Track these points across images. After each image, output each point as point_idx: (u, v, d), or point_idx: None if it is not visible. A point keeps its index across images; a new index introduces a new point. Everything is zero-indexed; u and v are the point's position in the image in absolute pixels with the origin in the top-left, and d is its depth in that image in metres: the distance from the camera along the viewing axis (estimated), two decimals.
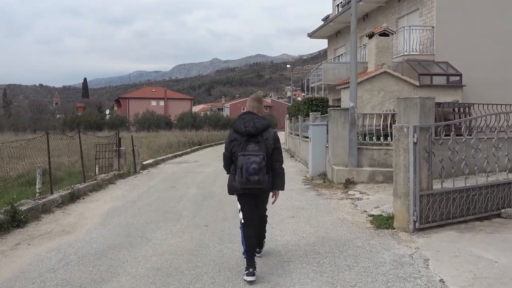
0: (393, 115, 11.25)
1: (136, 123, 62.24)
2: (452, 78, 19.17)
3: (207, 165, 16.64)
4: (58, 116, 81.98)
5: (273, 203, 5.21)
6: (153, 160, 16.96)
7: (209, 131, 50.47)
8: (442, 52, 19.96)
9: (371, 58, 18.65)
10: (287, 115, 27.01)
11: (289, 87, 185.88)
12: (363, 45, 23.47)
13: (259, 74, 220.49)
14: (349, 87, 18.80)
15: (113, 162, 13.32)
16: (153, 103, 70.75)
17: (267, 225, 5.46)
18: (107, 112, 70.27)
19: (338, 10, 29.48)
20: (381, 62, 18.21)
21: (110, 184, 11.54)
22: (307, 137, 17.05)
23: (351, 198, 9.05)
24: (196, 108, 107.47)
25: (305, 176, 12.73)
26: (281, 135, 47.82)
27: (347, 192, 9.73)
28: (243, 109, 7.41)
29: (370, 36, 18.58)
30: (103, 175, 12.06)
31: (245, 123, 4.63)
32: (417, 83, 18.51)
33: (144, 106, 66.03)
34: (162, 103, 71.59)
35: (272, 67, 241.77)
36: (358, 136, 10.97)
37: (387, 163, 10.66)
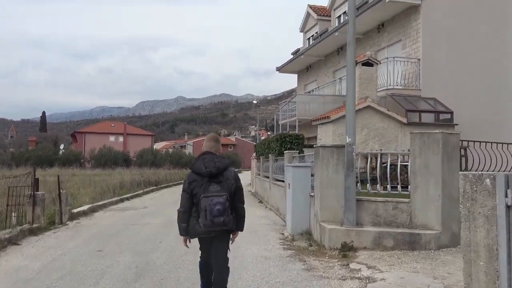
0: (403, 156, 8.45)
1: (91, 159, 57.87)
2: (442, 116, 16.85)
3: (157, 214, 13.27)
4: (12, 150, 76.41)
5: (231, 242, 4.83)
6: (89, 206, 13.44)
7: (169, 169, 46.81)
8: (429, 87, 17.69)
9: None
10: (254, 154, 24.05)
11: (254, 126, 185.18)
12: (339, 79, 21.08)
13: (224, 113, 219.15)
14: (328, 122, 16.21)
15: (26, 212, 9.82)
16: (112, 138, 66.53)
17: None
18: (61, 147, 65.43)
19: (309, 43, 27.30)
20: (364, 95, 15.67)
21: (9, 246, 8.03)
22: (280, 180, 14.04)
23: (358, 278, 5.98)
24: (158, 145, 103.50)
25: (282, 234, 9.61)
26: (247, 175, 44.89)
27: (347, 265, 6.65)
28: (219, 153, 5.14)
29: None
30: (5, 231, 8.55)
31: (205, 163, 4.48)
32: (404, 120, 16.02)
33: (102, 142, 61.78)
34: (121, 139, 67.45)
35: (237, 106, 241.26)
36: (356, 184, 8.03)
37: (397, 222, 7.71)
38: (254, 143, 27.86)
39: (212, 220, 4.23)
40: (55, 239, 8.99)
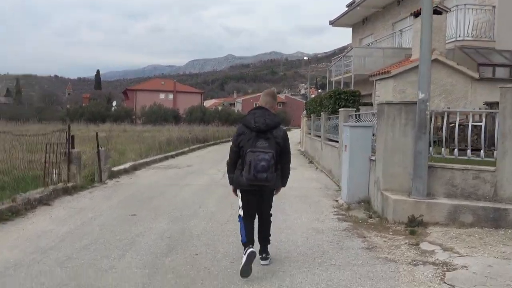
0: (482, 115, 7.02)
1: (142, 116, 58.48)
2: None
3: (201, 173, 12.50)
4: (68, 107, 78.82)
5: (276, 193, 4.88)
6: (131, 164, 12.83)
7: (218, 127, 46.39)
8: (505, 38, 15.57)
9: (417, 42, 14.27)
10: (304, 112, 22.76)
11: (304, 84, 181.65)
12: (399, 31, 19.12)
13: (273, 71, 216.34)
14: (388, 77, 14.50)
15: (61, 170, 9.24)
16: (162, 96, 66.85)
17: None
18: (114, 104, 66.58)
19: None
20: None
21: (39, 206, 7.43)
22: (333, 140, 12.82)
23: (433, 264, 4.82)
24: (208, 103, 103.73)
25: (336, 201, 8.50)
26: (296, 133, 43.77)
27: (417, 245, 5.49)
28: (255, 104, 5.28)
29: (417, 14, 14.24)
30: (37, 190, 7.98)
31: (255, 118, 4.44)
32: (476, 76, 14.18)
33: (152, 99, 62.19)
34: (171, 96, 67.67)
35: (287, 64, 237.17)
36: (430, 148, 6.72)
37: (478, 194, 6.39)
38: (304, 101, 26.44)
39: (256, 175, 4.25)
40: (89, 200, 8.35)
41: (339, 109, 11.66)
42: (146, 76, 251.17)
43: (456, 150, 6.75)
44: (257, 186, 4.42)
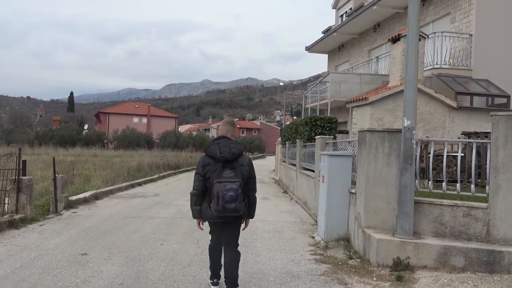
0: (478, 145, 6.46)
1: (114, 140, 57.05)
2: (497, 100, 14.64)
3: (167, 204, 11.60)
4: (38, 129, 76.42)
5: (243, 229, 4.73)
6: (93, 193, 11.84)
7: (191, 152, 45.41)
8: (481, 67, 15.44)
9: (394, 69, 14.00)
10: (279, 139, 22.18)
11: (279, 111, 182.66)
12: (375, 58, 18.91)
13: (249, 97, 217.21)
14: (365, 104, 14.07)
15: (9, 199, 8.26)
16: (136, 120, 65.59)
17: None
18: (85, 127, 64.86)
19: (341, 21, 25.06)
20: None
21: None
22: (309, 170, 12.19)
23: None
24: (183, 128, 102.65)
25: (313, 237, 7.77)
26: (271, 160, 43.09)
27: None
28: (234, 138, 4.85)
29: (395, 40, 13.99)
30: None
31: (220, 148, 4.39)
32: (454, 104, 13.88)
33: (126, 123, 60.94)
34: (145, 120, 66.44)
35: (263, 91, 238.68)
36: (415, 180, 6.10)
37: (469, 233, 5.78)
38: (280, 127, 25.94)
39: (224, 206, 4.20)
40: (37, 235, 7.39)
41: (316, 137, 11.06)
42: (121, 99, 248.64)
43: (444, 184, 6.14)
44: (225, 217, 4.36)
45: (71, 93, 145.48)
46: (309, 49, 27.13)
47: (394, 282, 5.18)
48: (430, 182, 6.22)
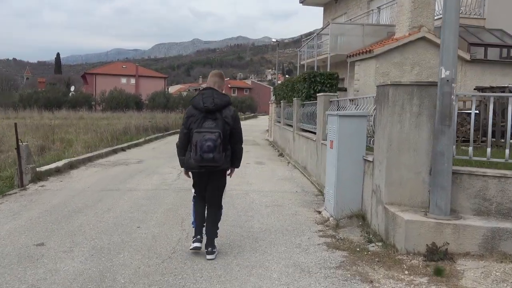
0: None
1: (102, 102, 55.20)
2: None
3: (152, 172, 10.34)
4: (24, 92, 73.81)
5: (230, 176, 4.77)
6: (67, 161, 10.49)
7: (182, 113, 43.91)
8: (495, 15, 14.05)
9: (402, 18, 12.50)
10: (273, 97, 20.77)
11: (270, 70, 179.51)
12: (376, 8, 17.29)
13: (240, 56, 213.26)
14: (370, 57, 12.55)
15: None
16: (123, 80, 63.43)
17: None
18: (72, 89, 62.68)
19: None
20: (417, 23, 12.13)
21: None
22: (308, 131, 10.93)
23: None
24: (173, 89, 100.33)
25: (319, 212, 6.59)
26: (263, 120, 41.77)
27: None
28: (222, 91, 4.76)
29: None
30: None
31: (204, 98, 4.42)
32: (467, 57, 12.52)
33: (113, 84, 58.86)
34: (133, 81, 64.29)
35: (254, 50, 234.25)
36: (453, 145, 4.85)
37: None
38: (273, 86, 24.44)
39: (202, 156, 4.22)
40: None
41: (317, 94, 9.72)
42: (110, 60, 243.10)
43: (489, 150, 4.89)
44: (205, 167, 4.39)
45: (58, 54, 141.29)
46: (304, 1, 25.29)
47: (432, 277, 4.00)
48: (470, 148, 4.97)
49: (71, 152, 12.42)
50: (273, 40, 40.16)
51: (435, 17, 12.61)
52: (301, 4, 25.58)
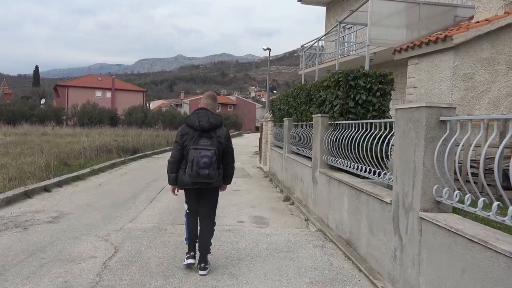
0: None
1: (73, 116, 49.64)
2: None
3: (56, 253, 5.13)
4: None
5: (222, 190, 4.84)
6: None
7: (159, 130, 38.56)
8: None
9: None
10: (269, 113, 15.78)
11: (254, 87, 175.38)
12: None
13: (224, 72, 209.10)
14: (445, 49, 7.34)
15: None
16: (98, 94, 57.93)
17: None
18: (42, 101, 56.86)
19: None
20: None
21: None
22: (345, 171, 5.94)
23: None
24: (155, 104, 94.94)
25: None
26: (250, 139, 36.75)
27: None
28: (214, 112, 4.77)
29: None
30: None
31: (199, 117, 4.52)
32: None
33: (87, 97, 53.33)
34: (109, 94, 58.76)
35: (237, 67, 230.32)
36: None
37: None
38: (270, 98, 19.41)
39: (198, 172, 4.28)
40: None
41: (396, 108, 4.75)
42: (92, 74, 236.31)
43: None
44: (200, 184, 4.45)
45: (36, 67, 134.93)
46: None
47: None
48: None
49: None
50: (263, 47, 35.39)
51: None
52: (299, 2, 20.90)
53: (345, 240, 5.80)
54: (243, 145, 30.43)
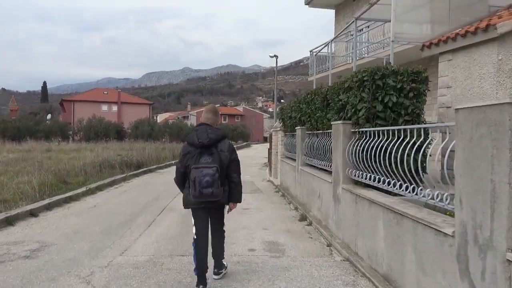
0: None
1: (79, 131, 48.96)
2: None
3: None
4: None
5: (228, 212, 4.69)
6: None
7: (165, 143, 37.64)
8: None
9: None
10: (279, 123, 14.71)
11: (261, 97, 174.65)
12: None
13: (230, 83, 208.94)
14: (487, 40, 6.30)
15: None
16: (105, 107, 57.28)
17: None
18: (48, 117, 56.36)
19: None
20: None
21: None
22: (379, 189, 4.80)
23: None
24: (162, 117, 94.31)
25: None
26: (258, 150, 35.70)
27: None
28: (217, 126, 4.63)
29: None
30: None
31: (198, 134, 4.38)
32: None
33: (93, 111, 52.69)
34: (115, 108, 58.12)
35: (244, 77, 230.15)
36: None
37: None
38: (279, 107, 18.35)
39: (201, 191, 4.16)
40: None
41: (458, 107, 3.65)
42: None
43: None
44: (205, 203, 4.31)
45: (44, 83, 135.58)
46: (310, 2, 19.64)
47: None
48: None
49: None
50: (271, 55, 34.48)
51: None
52: (307, 5, 19.94)
53: (381, 275, 4.67)
54: (252, 157, 29.36)
